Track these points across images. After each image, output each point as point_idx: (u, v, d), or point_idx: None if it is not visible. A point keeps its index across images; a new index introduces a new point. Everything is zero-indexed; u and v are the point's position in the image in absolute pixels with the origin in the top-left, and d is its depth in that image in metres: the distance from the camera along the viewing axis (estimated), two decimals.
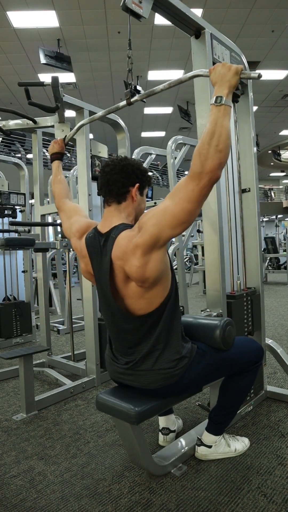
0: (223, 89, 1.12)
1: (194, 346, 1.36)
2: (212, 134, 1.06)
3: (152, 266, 1.16)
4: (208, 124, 1.09)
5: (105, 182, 1.32)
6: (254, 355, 1.52)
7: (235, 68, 1.13)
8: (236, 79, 1.13)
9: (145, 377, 1.29)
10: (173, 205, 1.11)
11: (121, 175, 1.30)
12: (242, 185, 2.11)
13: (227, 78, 1.12)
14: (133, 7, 1.37)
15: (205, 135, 1.08)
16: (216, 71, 1.15)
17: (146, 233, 1.14)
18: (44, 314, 2.98)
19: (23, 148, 10.55)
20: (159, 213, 1.13)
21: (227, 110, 1.10)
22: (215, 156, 1.05)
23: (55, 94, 2.02)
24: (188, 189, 1.08)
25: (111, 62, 8.64)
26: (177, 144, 3.81)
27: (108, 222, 1.31)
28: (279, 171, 20.39)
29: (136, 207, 1.35)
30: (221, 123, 1.08)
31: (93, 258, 1.34)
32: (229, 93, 1.12)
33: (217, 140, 1.06)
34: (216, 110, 1.10)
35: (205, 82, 1.74)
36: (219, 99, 1.10)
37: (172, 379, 1.28)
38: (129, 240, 1.18)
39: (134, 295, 1.23)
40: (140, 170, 1.33)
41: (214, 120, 1.09)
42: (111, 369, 1.42)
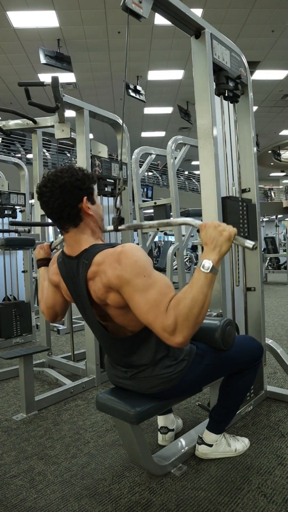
0: (213, 255, 1.06)
1: (193, 347, 1.36)
2: (195, 302, 1.01)
3: (114, 300, 1.13)
4: (191, 289, 1.03)
5: (50, 212, 1.20)
6: (254, 353, 1.52)
7: (227, 234, 1.07)
8: (228, 246, 1.07)
9: (145, 383, 1.29)
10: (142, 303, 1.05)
11: (63, 198, 1.16)
12: (242, 185, 2.11)
13: (218, 243, 1.07)
14: (133, 7, 1.37)
15: (188, 298, 1.01)
16: (207, 232, 1.09)
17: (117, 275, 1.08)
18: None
19: (23, 148, 10.55)
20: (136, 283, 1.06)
21: (213, 279, 1.05)
22: (192, 325, 1.01)
23: (55, 94, 2.02)
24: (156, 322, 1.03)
25: (111, 62, 8.64)
26: (177, 144, 3.81)
27: (76, 245, 1.21)
28: (279, 171, 20.39)
29: (95, 219, 1.26)
30: (206, 293, 1.03)
31: (68, 283, 1.27)
32: (219, 261, 1.07)
33: (199, 311, 1.01)
34: (203, 276, 1.04)
35: (205, 83, 1.73)
36: (207, 266, 1.04)
37: (172, 382, 1.28)
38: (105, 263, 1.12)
39: (118, 315, 1.19)
40: (79, 180, 1.19)
41: (198, 288, 1.03)
42: (110, 373, 1.42)
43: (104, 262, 1.13)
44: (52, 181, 1.17)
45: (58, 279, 1.34)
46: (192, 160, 16.22)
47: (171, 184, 3.79)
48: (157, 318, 1.03)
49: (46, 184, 1.17)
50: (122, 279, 1.07)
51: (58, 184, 1.16)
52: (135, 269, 1.07)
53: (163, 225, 1.46)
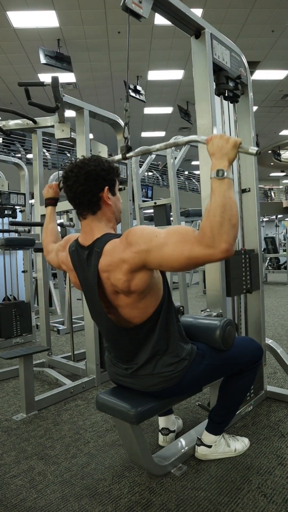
0: (223, 161, 1.07)
1: (194, 347, 1.36)
2: (223, 207, 1.00)
3: (138, 282, 1.14)
4: (215, 198, 1.03)
5: (72, 197, 1.24)
6: (254, 355, 1.52)
7: (233, 141, 1.08)
8: (234, 153, 1.09)
9: (145, 381, 1.29)
10: (172, 250, 1.05)
11: (87, 184, 1.21)
12: (242, 185, 2.11)
13: (225, 151, 1.08)
14: (133, 7, 1.37)
15: (214, 207, 1.01)
16: (214, 143, 1.10)
17: (135, 253, 1.09)
18: (44, 314, 2.98)
19: (23, 148, 10.55)
20: (155, 244, 1.07)
21: (230, 183, 1.05)
22: (230, 231, 0.99)
23: (55, 94, 2.02)
24: (195, 250, 1.02)
25: (111, 62, 8.64)
26: None
27: (90, 234, 1.25)
28: (279, 171, 20.39)
29: (113, 210, 1.29)
30: (229, 196, 1.03)
31: (79, 272, 1.30)
32: (229, 166, 1.07)
33: (230, 214, 1.00)
34: (220, 183, 1.04)
35: (205, 82, 1.74)
36: (221, 173, 1.05)
37: (172, 381, 1.28)
38: (116, 252, 1.14)
39: (125, 305, 1.21)
40: (104, 170, 1.24)
41: (221, 194, 1.03)
42: (111, 371, 1.42)
43: (115, 251, 1.15)
44: (79, 167, 1.22)
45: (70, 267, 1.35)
46: (192, 160, 16.22)
47: (171, 184, 3.80)
48: (193, 245, 1.03)
49: (73, 170, 1.23)
50: (141, 253, 1.09)
51: (84, 171, 1.21)
52: (146, 237, 1.10)
53: (170, 146, 1.40)
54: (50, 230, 1.64)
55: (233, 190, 1.06)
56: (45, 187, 1.71)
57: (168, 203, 3.90)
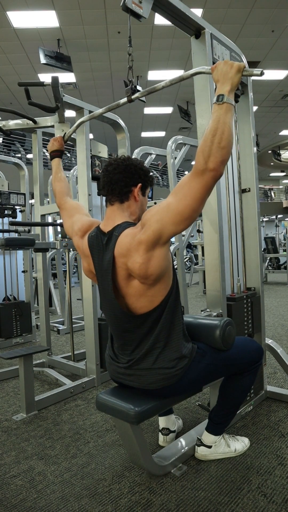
0: (225, 86, 1.12)
1: (195, 346, 1.36)
2: (214, 131, 1.07)
3: (155, 263, 1.17)
4: (211, 122, 1.10)
5: (107, 181, 1.32)
6: (254, 355, 1.52)
7: (237, 65, 1.13)
8: (239, 77, 1.13)
9: (145, 377, 1.29)
10: (176, 202, 1.11)
11: (124, 174, 1.30)
12: (242, 185, 2.11)
13: (229, 75, 1.13)
14: (133, 7, 1.37)
15: (207, 132, 1.08)
16: (218, 69, 1.15)
17: (149, 229, 1.14)
18: (44, 314, 2.98)
19: (23, 148, 10.55)
20: (162, 210, 1.14)
21: (229, 108, 1.10)
22: (217, 153, 1.06)
23: (55, 94, 2.02)
24: (191, 185, 1.09)
25: (111, 62, 8.64)
26: (177, 144, 3.81)
27: (111, 221, 1.31)
28: (279, 171, 20.38)
29: (139, 207, 1.36)
30: (223, 121, 1.08)
31: (95, 257, 1.34)
32: (231, 91, 1.13)
33: (220, 138, 1.06)
34: (218, 108, 1.10)
35: (205, 82, 1.74)
36: (221, 98, 1.10)
37: (172, 379, 1.28)
38: (132, 237, 1.19)
39: (136, 293, 1.24)
40: (143, 170, 1.34)
41: (216, 118, 1.09)
42: (111, 368, 1.42)
43: (133, 236, 1.19)
44: (122, 159, 1.34)
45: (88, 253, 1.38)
46: (192, 160, 16.20)
47: (171, 184, 3.79)
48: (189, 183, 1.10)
49: (117, 159, 1.34)
50: (154, 225, 1.14)
51: (126, 163, 1.32)
52: (154, 211, 1.16)
53: (176, 82, 1.41)
54: (59, 178, 1.73)
55: (230, 114, 1.11)
56: (50, 141, 1.79)
57: None
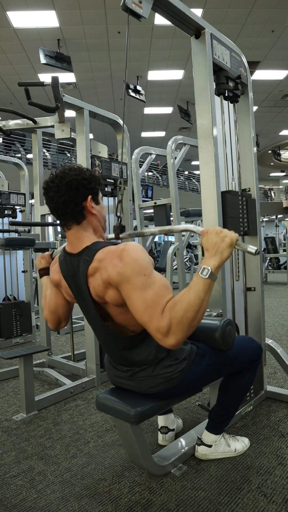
0: (213, 261, 1.07)
1: (194, 348, 1.36)
2: (190, 306, 1.01)
3: (110, 296, 1.14)
4: (189, 292, 1.04)
5: (55, 208, 1.22)
6: (254, 354, 1.52)
7: (229, 239, 1.08)
8: (229, 251, 1.08)
9: (145, 382, 1.29)
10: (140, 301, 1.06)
11: (69, 194, 1.19)
12: (242, 185, 2.11)
13: (220, 249, 1.08)
14: (133, 7, 1.37)
15: (182, 302, 1.02)
16: (209, 238, 1.10)
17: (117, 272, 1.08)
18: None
19: (23, 148, 10.55)
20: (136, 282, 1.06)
21: (211, 285, 1.06)
22: (185, 330, 1.02)
23: (55, 94, 2.02)
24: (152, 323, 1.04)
25: (111, 62, 8.64)
26: (177, 144, 3.82)
27: (78, 243, 1.23)
28: (279, 171, 20.39)
29: (98, 219, 1.28)
30: (202, 298, 1.03)
31: (69, 282, 1.28)
32: (218, 267, 1.07)
33: (194, 316, 1.02)
34: (200, 281, 1.05)
35: (205, 82, 1.73)
36: (205, 271, 1.05)
37: (172, 382, 1.28)
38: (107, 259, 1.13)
39: (117, 314, 1.20)
40: (86, 179, 1.22)
41: (195, 292, 1.03)
42: (111, 373, 1.42)
43: (105, 259, 1.14)
44: (59, 178, 1.20)
45: (59, 278, 1.35)
46: (192, 160, 16.23)
47: (171, 184, 3.79)
48: (152, 319, 1.04)
49: (54, 180, 1.20)
50: (122, 276, 1.08)
51: (65, 181, 1.19)
52: (136, 267, 1.08)
53: (165, 232, 1.45)
54: (48, 296, 1.51)
55: (210, 292, 1.06)
56: (38, 258, 1.65)
57: (168, 203, 3.89)
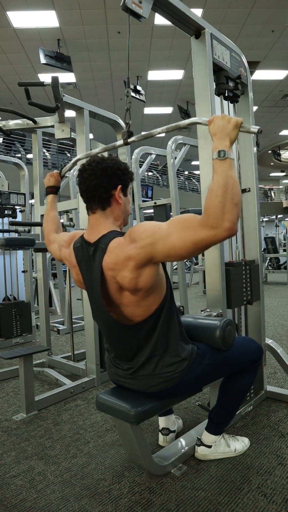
0: (224, 141, 1.08)
1: (195, 348, 1.36)
2: (225, 187, 1.01)
3: (145, 279, 1.14)
4: (217, 178, 1.04)
5: (85, 189, 1.26)
6: (254, 355, 1.52)
7: (235, 121, 1.09)
8: (236, 133, 1.09)
9: (145, 381, 1.29)
10: (176, 238, 1.06)
11: (102, 179, 1.24)
12: (242, 185, 2.11)
13: (227, 131, 1.09)
14: (133, 7, 1.37)
15: (216, 187, 1.02)
16: (216, 123, 1.11)
17: (140, 248, 1.11)
18: (44, 314, 2.98)
19: (23, 148, 10.55)
20: (159, 236, 1.09)
21: (232, 163, 1.06)
22: (233, 210, 1.00)
23: (55, 94, 2.02)
24: (199, 234, 1.03)
25: (111, 62, 8.64)
26: (177, 144, 3.82)
27: (96, 230, 1.26)
28: (279, 171, 20.39)
29: (122, 210, 1.31)
30: (231, 176, 1.03)
31: (82, 269, 1.30)
32: (231, 146, 1.08)
33: (232, 193, 1.01)
34: (221, 163, 1.05)
35: (205, 82, 1.74)
36: (223, 153, 1.05)
37: (173, 381, 1.28)
38: (121, 250, 1.15)
39: (129, 303, 1.21)
40: (120, 170, 1.27)
41: (223, 173, 1.03)
42: (111, 372, 1.42)
43: (120, 249, 1.16)
44: (97, 162, 1.25)
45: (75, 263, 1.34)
46: (192, 160, 16.22)
47: (171, 184, 3.79)
48: (197, 229, 1.04)
49: (91, 163, 1.26)
50: (146, 247, 1.10)
51: (101, 166, 1.24)
52: (148, 231, 1.11)
53: (172, 129, 1.37)
54: (51, 218, 1.65)
55: (234, 169, 1.07)
56: (46, 176, 1.72)
57: (168, 203, 3.89)
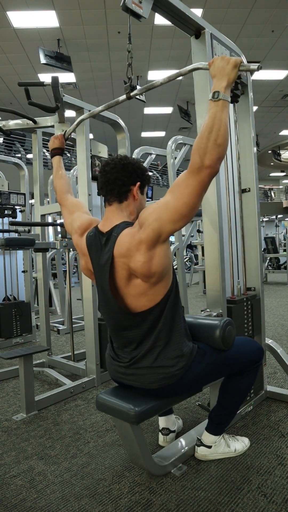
0: (221, 82, 1.12)
1: (195, 346, 1.36)
2: (210, 128, 1.07)
3: (157, 261, 1.18)
4: (207, 119, 1.10)
5: (105, 181, 1.32)
6: (254, 355, 1.52)
7: (234, 61, 1.13)
8: (235, 72, 1.13)
9: (145, 376, 1.29)
10: (173, 200, 1.12)
11: (122, 173, 1.30)
12: (242, 185, 2.11)
13: (226, 71, 1.12)
14: (133, 7, 1.37)
15: (203, 129, 1.08)
16: (215, 64, 1.15)
17: (148, 228, 1.14)
18: (44, 314, 2.98)
19: (23, 148, 10.56)
20: (160, 208, 1.14)
21: (225, 105, 1.10)
22: (214, 150, 1.06)
23: (55, 94, 2.02)
24: (188, 183, 1.09)
25: (111, 62, 8.64)
26: (177, 144, 3.81)
27: (110, 221, 1.31)
28: (279, 171, 20.38)
29: (137, 206, 1.36)
30: (219, 117, 1.08)
31: (93, 257, 1.34)
32: (227, 87, 1.12)
33: (216, 134, 1.06)
34: (214, 104, 1.10)
35: (205, 82, 1.74)
36: (217, 94, 1.10)
37: (173, 379, 1.28)
38: (132, 237, 1.19)
39: (136, 293, 1.24)
40: (140, 169, 1.34)
41: (212, 115, 1.09)
42: (111, 368, 1.42)
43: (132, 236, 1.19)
44: (119, 159, 1.34)
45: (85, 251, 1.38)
46: None
47: (171, 185, 3.79)
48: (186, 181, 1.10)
49: (114, 159, 1.34)
50: (153, 223, 1.14)
51: (123, 162, 1.32)
52: (151, 210, 1.16)
53: (174, 77, 1.37)
54: (60, 176, 1.71)
55: (226, 111, 1.11)
56: (51, 139, 1.77)
57: None
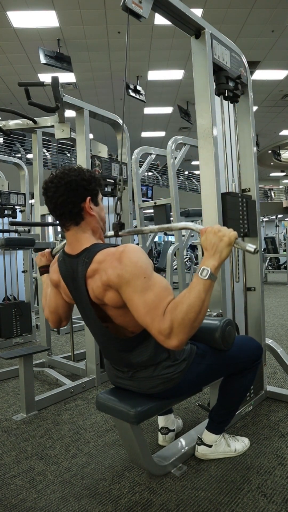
0: (212, 261, 1.06)
1: (194, 347, 1.36)
2: (191, 307, 1.01)
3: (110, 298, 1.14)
4: (189, 294, 1.04)
5: (53, 208, 1.21)
6: (254, 353, 1.52)
7: (227, 239, 1.07)
8: (228, 251, 1.08)
9: (145, 383, 1.29)
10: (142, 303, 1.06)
11: (68, 194, 1.18)
12: (242, 185, 2.11)
13: (219, 249, 1.07)
14: (133, 7, 1.37)
15: (183, 304, 1.02)
16: (208, 238, 1.09)
17: (117, 273, 1.08)
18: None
19: (23, 148, 10.55)
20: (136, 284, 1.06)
21: (211, 285, 1.05)
22: (187, 330, 1.02)
23: (55, 94, 2.02)
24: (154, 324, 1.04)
25: (111, 62, 8.64)
26: (177, 144, 3.81)
27: (77, 244, 1.23)
28: (279, 171, 20.39)
29: (97, 220, 1.27)
30: (203, 299, 1.03)
31: (68, 283, 1.28)
32: (218, 267, 1.06)
33: (195, 317, 1.02)
34: (199, 282, 1.04)
35: (205, 82, 1.73)
36: (206, 272, 1.04)
37: (172, 382, 1.28)
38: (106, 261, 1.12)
39: (117, 315, 1.19)
40: (85, 180, 1.21)
41: (195, 293, 1.03)
42: (111, 374, 1.42)
43: (105, 261, 1.13)
44: (59, 178, 1.19)
45: (58, 278, 1.35)
46: (192, 160, 16.22)
47: (171, 184, 3.79)
48: (154, 321, 1.04)
49: (53, 180, 1.19)
50: (122, 278, 1.08)
51: (64, 181, 1.18)
52: (135, 269, 1.07)
53: (164, 230, 1.44)
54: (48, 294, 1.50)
55: (211, 292, 1.05)
56: (38, 256, 1.62)
57: (168, 203, 3.89)
